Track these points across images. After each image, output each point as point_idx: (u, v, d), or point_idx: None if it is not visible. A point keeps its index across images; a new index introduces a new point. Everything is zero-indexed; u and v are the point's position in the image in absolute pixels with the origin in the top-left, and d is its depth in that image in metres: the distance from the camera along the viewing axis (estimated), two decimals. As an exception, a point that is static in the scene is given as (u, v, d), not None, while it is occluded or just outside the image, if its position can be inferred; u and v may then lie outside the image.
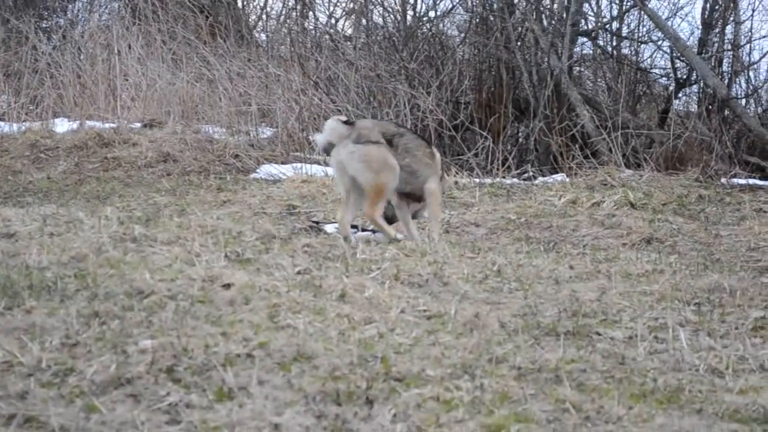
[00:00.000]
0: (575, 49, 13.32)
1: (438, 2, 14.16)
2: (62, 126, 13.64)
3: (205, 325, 5.06)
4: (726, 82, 12.07)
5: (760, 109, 12.44)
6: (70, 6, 18.47)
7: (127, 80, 14.47)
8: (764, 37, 13.09)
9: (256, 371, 4.46)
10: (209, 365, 4.49)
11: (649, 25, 12.93)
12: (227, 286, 5.75)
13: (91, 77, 14.73)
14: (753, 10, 12.76)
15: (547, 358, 4.85)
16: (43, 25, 17.38)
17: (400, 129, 7.91)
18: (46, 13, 17.97)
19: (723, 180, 10.53)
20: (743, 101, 12.31)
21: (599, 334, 5.28)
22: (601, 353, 4.98)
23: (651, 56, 13.53)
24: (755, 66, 12.65)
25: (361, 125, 7.62)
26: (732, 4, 12.48)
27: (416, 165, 7.55)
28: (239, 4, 17.36)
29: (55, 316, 5.07)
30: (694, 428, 4.04)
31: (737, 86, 12.51)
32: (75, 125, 13.54)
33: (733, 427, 4.09)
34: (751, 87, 12.56)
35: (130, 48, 14.81)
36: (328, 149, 7.50)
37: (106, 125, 13.31)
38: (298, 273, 6.27)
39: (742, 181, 10.57)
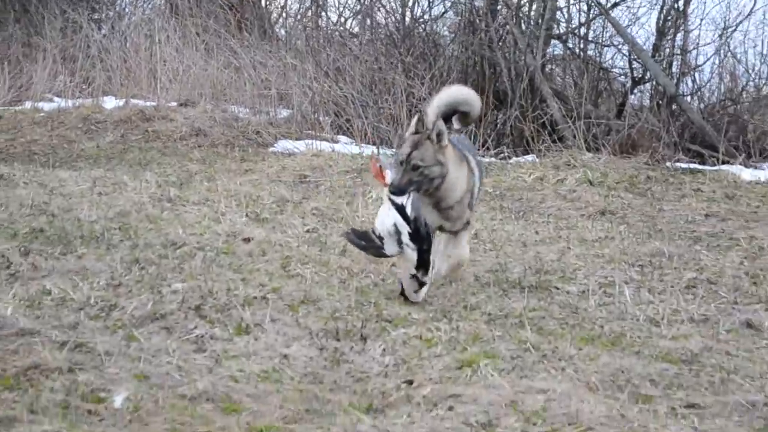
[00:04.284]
0: (548, 50, 13.29)
1: (432, 6, 14.10)
2: (110, 103, 13.59)
3: (227, 272, 5.11)
4: (675, 81, 12.04)
5: (702, 105, 12.40)
6: (118, 0, 18.41)
7: (165, 65, 14.41)
8: (708, 44, 13.06)
9: (270, 311, 4.51)
10: (230, 305, 4.55)
11: (612, 31, 12.89)
12: (247, 240, 5.80)
13: (135, 62, 14.69)
14: (700, 21, 12.71)
15: (513, 306, 4.90)
16: (95, 17, 17.29)
17: None
18: (97, 6, 17.87)
19: (668, 164, 10.51)
20: (688, 98, 12.28)
21: (557, 288, 5.34)
22: (558, 304, 5.04)
23: (612, 57, 13.45)
24: (700, 68, 12.61)
25: None
26: (682, 15, 12.45)
27: None
28: (262, 3, 17.28)
29: (102, 262, 5.13)
30: (632, 366, 4.09)
31: (684, 85, 12.46)
32: (121, 103, 13.49)
33: (665, 366, 4.14)
34: (695, 86, 12.54)
35: (168, 38, 14.74)
36: None
37: (148, 103, 13.27)
38: (307, 231, 6.32)
39: (684, 165, 10.55)
